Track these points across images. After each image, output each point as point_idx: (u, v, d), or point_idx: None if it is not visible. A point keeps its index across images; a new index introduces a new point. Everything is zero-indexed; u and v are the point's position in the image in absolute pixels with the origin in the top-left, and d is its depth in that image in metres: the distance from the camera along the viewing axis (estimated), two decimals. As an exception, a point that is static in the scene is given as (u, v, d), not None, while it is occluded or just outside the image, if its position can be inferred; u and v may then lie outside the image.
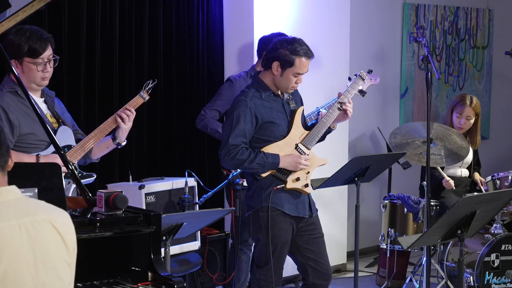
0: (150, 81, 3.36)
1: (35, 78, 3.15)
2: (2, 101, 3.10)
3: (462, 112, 4.79)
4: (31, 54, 3.11)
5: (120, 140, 3.32)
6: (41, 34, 3.15)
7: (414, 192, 4.97)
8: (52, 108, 3.29)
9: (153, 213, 2.63)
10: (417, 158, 4.40)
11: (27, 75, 3.13)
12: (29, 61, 3.12)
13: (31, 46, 3.10)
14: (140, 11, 4.61)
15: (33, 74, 3.13)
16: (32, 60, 3.12)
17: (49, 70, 3.18)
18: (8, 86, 3.14)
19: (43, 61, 3.13)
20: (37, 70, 3.13)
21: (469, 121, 4.80)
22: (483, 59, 6.88)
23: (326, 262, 3.57)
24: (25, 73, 3.12)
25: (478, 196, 3.36)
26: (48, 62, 3.16)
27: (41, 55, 3.13)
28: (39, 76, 3.15)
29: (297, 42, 3.42)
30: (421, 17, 6.23)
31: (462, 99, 4.85)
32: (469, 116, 4.78)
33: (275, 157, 3.39)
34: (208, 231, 4.47)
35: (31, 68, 3.12)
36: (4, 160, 1.86)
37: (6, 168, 1.87)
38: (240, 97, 3.44)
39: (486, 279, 4.26)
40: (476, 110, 4.81)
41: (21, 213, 1.82)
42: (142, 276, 2.57)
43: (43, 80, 3.18)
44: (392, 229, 4.62)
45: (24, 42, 3.10)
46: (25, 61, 3.12)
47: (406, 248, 3.90)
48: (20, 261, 1.79)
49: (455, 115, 4.81)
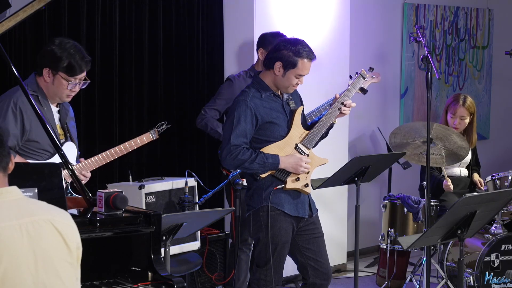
0: (164, 123, 3.40)
1: (62, 93, 3.18)
2: (22, 102, 3.11)
3: (455, 112, 4.78)
4: (68, 71, 3.14)
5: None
6: (83, 54, 3.18)
7: (414, 192, 4.96)
8: (64, 119, 3.30)
9: (153, 213, 2.63)
10: (417, 158, 4.40)
11: (56, 87, 3.16)
12: (63, 77, 3.15)
13: (71, 63, 3.13)
14: (140, 11, 4.61)
15: (62, 89, 3.17)
16: (66, 77, 3.15)
17: (76, 90, 3.22)
18: (31, 89, 3.16)
19: (76, 81, 3.16)
20: (67, 87, 3.16)
21: (463, 121, 4.78)
22: (483, 59, 6.88)
23: (326, 261, 3.56)
24: (54, 85, 3.16)
25: (478, 196, 3.35)
26: (79, 83, 3.19)
27: (77, 75, 3.16)
28: (66, 93, 3.19)
29: (300, 43, 3.42)
30: (421, 17, 6.23)
31: (455, 99, 4.84)
32: (463, 116, 4.77)
33: (275, 158, 3.39)
34: (208, 231, 4.47)
35: (62, 83, 3.15)
36: (6, 162, 1.87)
37: (7, 170, 1.88)
38: (241, 97, 3.44)
39: (486, 279, 4.26)
40: (470, 110, 4.80)
41: (22, 213, 1.83)
42: (142, 276, 2.58)
43: (68, 97, 3.22)
44: (392, 229, 4.61)
45: (66, 57, 3.13)
46: (59, 75, 3.15)
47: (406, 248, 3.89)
48: (21, 261, 1.79)
49: (449, 115, 4.81)
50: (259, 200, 3.44)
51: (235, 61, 4.94)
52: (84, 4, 4.33)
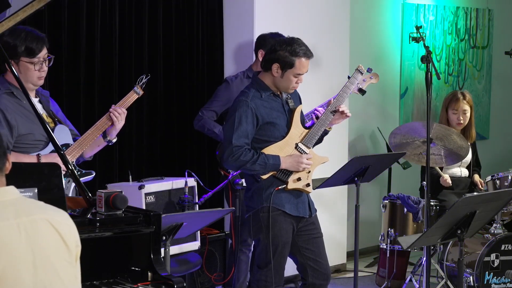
0: (143, 76, 3.37)
1: (32, 77, 3.17)
2: (0, 102, 3.12)
3: (458, 108, 4.79)
4: (28, 54, 3.13)
5: (111, 138, 3.35)
6: (36, 34, 3.17)
7: (414, 192, 4.96)
8: (48, 107, 3.30)
9: (153, 213, 2.62)
10: (416, 158, 4.39)
11: (24, 75, 3.14)
12: (26, 61, 3.14)
13: (28, 46, 3.12)
14: (139, 12, 4.61)
15: (30, 73, 3.15)
16: (29, 59, 3.14)
17: (45, 70, 3.21)
18: (4, 87, 3.16)
19: (40, 60, 3.15)
20: (34, 69, 3.15)
21: (466, 115, 4.80)
22: (483, 59, 6.88)
23: (325, 261, 3.56)
24: (22, 73, 3.13)
25: (478, 196, 3.36)
26: (44, 61, 3.18)
27: (38, 54, 3.15)
28: (36, 76, 3.17)
29: (296, 42, 3.41)
30: (421, 17, 6.22)
31: (454, 95, 4.86)
32: (465, 110, 4.80)
33: (275, 159, 3.39)
34: (207, 231, 4.47)
35: (28, 68, 3.14)
36: (2, 162, 1.87)
37: (4, 171, 1.87)
38: (241, 98, 3.43)
39: (486, 279, 4.26)
40: (470, 103, 4.84)
41: (20, 213, 1.83)
42: (142, 276, 2.57)
43: (40, 79, 3.20)
44: (392, 229, 4.61)
45: (21, 42, 3.12)
46: (22, 61, 3.14)
47: (406, 248, 3.90)
48: (19, 261, 1.79)
49: (452, 112, 4.81)
50: (259, 201, 3.43)
51: (235, 61, 4.94)
52: (83, 4, 4.33)
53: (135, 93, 3.35)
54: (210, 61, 4.94)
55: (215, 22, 4.93)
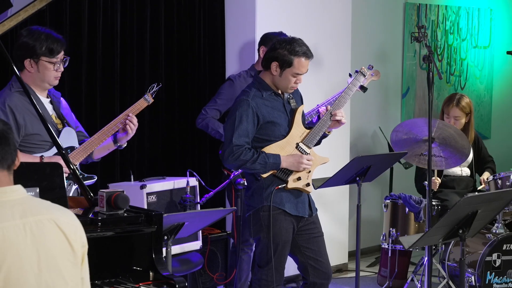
0: (154, 85, 3.41)
1: (50, 77, 3.24)
2: (10, 100, 3.17)
3: (449, 113, 4.73)
4: (49, 54, 3.21)
5: (121, 144, 3.41)
6: (56, 35, 3.27)
7: (415, 191, 4.95)
8: (58, 109, 3.34)
9: (154, 212, 2.62)
10: (417, 159, 4.36)
11: (42, 74, 3.22)
12: (46, 60, 3.21)
13: (49, 46, 3.21)
14: (141, 11, 4.61)
15: (48, 73, 3.23)
16: (49, 59, 3.21)
17: (61, 70, 3.30)
18: (17, 85, 3.20)
19: (58, 60, 3.24)
20: (52, 69, 3.22)
21: (458, 121, 4.71)
22: (485, 58, 6.87)
23: (326, 261, 3.56)
24: (40, 72, 3.22)
25: (480, 196, 3.35)
26: (61, 62, 3.26)
27: (57, 55, 3.23)
28: (53, 75, 3.25)
29: (296, 42, 3.40)
30: (423, 16, 6.22)
31: (450, 99, 4.79)
32: (457, 116, 4.71)
33: (276, 158, 3.38)
34: (209, 230, 4.46)
35: (47, 67, 3.22)
36: (12, 159, 1.88)
37: (13, 168, 1.88)
38: (242, 97, 3.43)
39: (488, 279, 4.26)
40: (464, 110, 4.72)
41: (26, 212, 1.83)
42: (143, 276, 2.57)
43: (56, 79, 3.28)
44: (393, 228, 4.60)
45: (41, 43, 3.20)
46: (42, 60, 3.21)
47: (408, 248, 3.90)
48: (24, 260, 1.79)
49: (445, 116, 4.76)
50: (259, 200, 3.43)
51: (236, 60, 4.94)
52: (85, 4, 4.33)
53: (145, 101, 3.40)
54: (212, 60, 4.94)
55: (217, 21, 4.93)
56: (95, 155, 3.41)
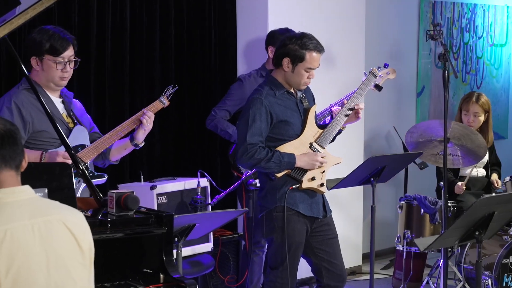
0: (170, 86, 3.38)
1: (54, 77, 3.20)
2: (17, 98, 3.16)
3: (469, 109, 4.74)
4: (52, 52, 3.18)
5: (138, 142, 3.37)
6: (63, 34, 3.23)
7: (431, 192, 4.91)
8: (69, 108, 3.32)
9: (165, 214, 2.62)
10: (433, 159, 4.33)
11: (46, 73, 3.20)
12: (50, 59, 3.18)
13: (52, 44, 3.18)
14: (151, 10, 4.58)
15: (52, 72, 3.19)
16: (52, 58, 3.18)
17: (69, 71, 3.25)
18: (25, 84, 3.19)
19: (64, 60, 3.19)
20: (56, 68, 3.19)
21: (477, 118, 4.73)
22: (501, 57, 6.79)
23: (340, 263, 3.53)
24: (44, 70, 3.20)
25: (496, 197, 3.31)
26: (68, 62, 3.22)
27: (62, 54, 3.19)
28: (58, 75, 3.21)
29: (306, 36, 3.39)
30: (438, 14, 6.16)
31: (469, 96, 4.82)
32: (477, 112, 4.73)
33: (291, 157, 3.35)
34: (220, 232, 4.43)
35: (51, 66, 3.18)
36: (19, 160, 1.89)
37: (21, 168, 1.89)
38: (255, 96, 3.40)
39: (505, 282, 4.21)
40: (484, 107, 4.75)
41: (34, 213, 1.84)
42: (153, 278, 2.56)
43: (62, 80, 3.24)
44: (408, 230, 4.56)
45: (46, 40, 3.17)
46: (46, 59, 3.19)
47: (423, 250, 3.85)
48: (33, 261, 1.80)
49: (463, 113, 4.78)
50: (273, 200, 3.40)
51: (248, 59, 4.90)
52: (94, 3, 4.31)
53: (161, 103, 3.38)
54: (223, 60, 4.91)
55: (227, 19, 4.90)
56: (112, 157, 3.39)
